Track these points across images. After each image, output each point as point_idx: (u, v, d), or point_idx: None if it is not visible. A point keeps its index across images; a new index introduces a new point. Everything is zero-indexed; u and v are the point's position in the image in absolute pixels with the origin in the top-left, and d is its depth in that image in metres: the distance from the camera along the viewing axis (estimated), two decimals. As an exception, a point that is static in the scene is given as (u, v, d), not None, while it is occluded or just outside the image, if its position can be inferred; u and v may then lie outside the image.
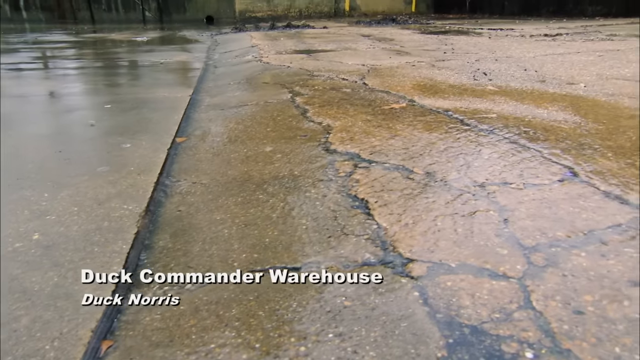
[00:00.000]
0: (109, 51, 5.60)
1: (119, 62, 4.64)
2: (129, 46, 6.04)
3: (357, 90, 2.73)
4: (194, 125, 2.21)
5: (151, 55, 5.16)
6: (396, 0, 14.30)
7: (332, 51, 4.70)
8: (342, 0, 14.07)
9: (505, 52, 4.14)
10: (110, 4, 12.68)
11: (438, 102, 2.37)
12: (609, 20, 7.82)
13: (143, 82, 3.45)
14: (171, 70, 4.07)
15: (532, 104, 2.28)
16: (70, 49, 5.85)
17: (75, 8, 12.36)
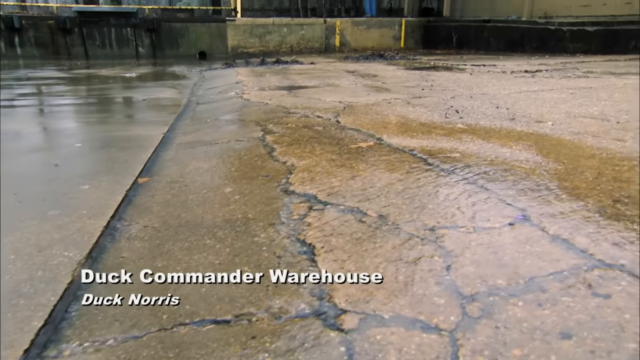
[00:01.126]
0: (94, 88, 5.66)
1: (101, 99, 4.68)
2: (116, 83, 6.12)
3: (328, 128, 2.76)
4: (159, 165, 2.21)
5: (136, 91, 5.21)
6: (385, 36, 14.62)
7: (314, 87, 4.77)
8: (333, 37, 14.37)
9: (482, 89, 4.21)
10: (104, 40, 12.90)
11: (405, 140, 2.39)
12: (589, 57, 8.01)
13: (120, 120, 3.47)
14: (152, 107, 4.11)
15: (497, 143, 2.30)
16: (57, 86, 5.91)
17: (70, 44, 12.56)
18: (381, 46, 14.28)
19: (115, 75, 7.23)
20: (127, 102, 4.34)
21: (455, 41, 13.05)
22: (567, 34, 9.25)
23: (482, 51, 11.79)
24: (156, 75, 7.35)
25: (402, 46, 14.66)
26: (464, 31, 12.73)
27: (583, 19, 9.50)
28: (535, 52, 10.03)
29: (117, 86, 5.74)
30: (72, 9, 13.24)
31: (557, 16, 10.58)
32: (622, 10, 8.76)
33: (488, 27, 11.77)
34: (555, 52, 9.53)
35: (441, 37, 13.68)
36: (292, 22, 14.11)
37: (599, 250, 1.23)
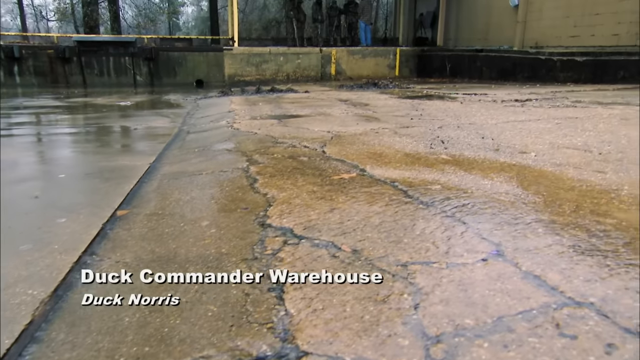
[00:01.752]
0: (88, 116, 5.71)
1: (93, 128, 4.71)
2: (110, 111, 6.17)
3: (313, 158, 2.77)
4: (141, 197, 2.20)
5: (129, 120, 5.25)
6: (380, 65, 14.85)
7: (305, 117, 4.81)
8: (328, 65, 14.57)
9: (470, 118, 4.25)
10: (102, 69, 13.07)
11: (388, 171, 2.40)
12: (579, 86, 8.14)
13: (109, 150, 3.48)
14: (142, 136, 4.13)
15: (479, 174, 2.31)
16: (51, 114, 5.95)
17: (68, 73, 12.71)
18: (376, 74, 14.48)
19: (111, 103, 7.30)
20: (118, 131, 4.37)
21: (449, 70, 13.25)
22: (557, 64, 9.41)
23: (475, 80, 11.97)
24: (151, 104, 7.42)
25: (397, 74, 14.86)
26: (457, 60, 12.95)
27: (573, 49, 9.69)
28: (527, 81, 10.18)
29: (110, 115, 5.79)
30: (72, 38, 13.47)
31: (547, 46, 10.79)
32: (610, 41, 8.95)
33: (480, 56, 11.98)
34: (546, 81, 9.67)
35: (435, 66, 13.90)
36: (288, 51, 14.35)
37: (570, 287, 1.22)
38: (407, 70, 14.89)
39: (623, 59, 7.99)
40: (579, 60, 8.91)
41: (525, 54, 10.58)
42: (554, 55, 9.63)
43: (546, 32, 10.95)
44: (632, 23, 8.50)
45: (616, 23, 8.89)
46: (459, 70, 12.79)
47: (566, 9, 10.23)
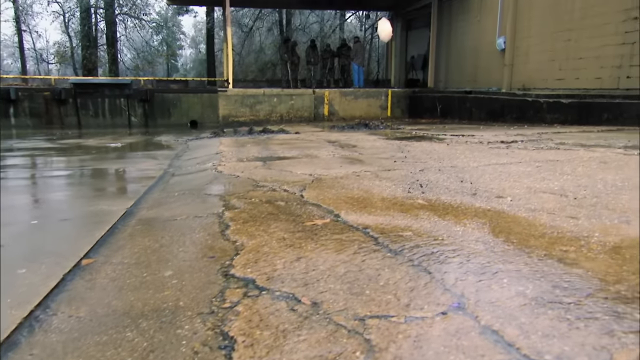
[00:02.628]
0: (75, 159, 5.73)
1: (79, 170, 4.72)
2: (99, 153, 6.20)
3: (290, 203, 2.76)
4: (110, 244, 2.18)
5: (116, 162, 5.27)
6: (373, 106, 15.08)
7: (291, 158, 4.84)
8: (321, 106, 14.80)
9: (452, 161, 4.28)
10: (97, 110, 13.24)
11: (362, 217, 2.39)
12: (565, 127, 8.26)
13: (89, 193, 3.47)
14: (126, 179, 4.13)
15: (453, 220, 2.30)
16: (40, 157, 5.97)
17: (63, 114, 12.87)
18: (369, 115, 14.70)
19: (101, 145, 7.35)
20: (102, 174, 4.37)
21: (439, 111, 13.47)
22: (544, 106, 9.59)
23: (465, 120, 12.15)
24: (141, 145, 7.47)
25: (389, 115, 15.08)
26: (447, 101, 13.19)
27: (559, 92, 9.90)
28: (516, 122, 10.34)
29: (99, 157, 5.82)
30: (69, 80, 13.71)
31: (534, 88, 11.03)
32: (593, 84, 9.17)
33: (470, 98, 12.21)
34: (534, 122, 9.82)
35: (426, 107, 14.14)
36: (282, 92, 14.60)
37: (527, 343, 1.19)
38: (399, 110, 15.13)
39: (606, 102, 8.16)
40: (564, 103, 9.09)
41: (513, 95, 10.80)
42: (541, 97, 9.83)
43: (533, 75, 11.23)
44: (613, 67, 8.74)
45: (599, 67, 9.13)
46: (449, 111, 13.01)
47: (551, 53, 10.53)
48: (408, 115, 14.99)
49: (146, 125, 13.67)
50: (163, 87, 15.50)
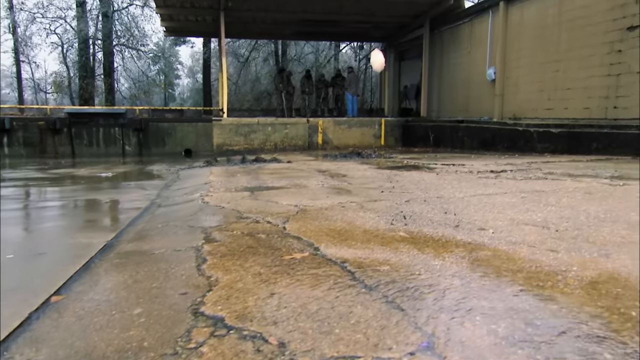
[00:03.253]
0: (64, 189, 5.70)
1: (64, 202, 4.69)
2: (88, 183, 6.18)
3: (272, 235, 2.74)
4: (84, 279, 2.14)
5: (103, 193, 5.25)
6: (366, 135, 15.20)
7: (279, 188, 4.83)
8: (315, 135, 14.89)
9: (439, 191, 4.28)
10: (92, 139, 13.26)
11: (342, 250, 2.37)
12: (555, 157, 8.32)
13: (71, 225, 3.44)
14: (111, 210, 4.10)
15: (432, 254, 2.28)
16: (27, 187, 5.94)
17: (58, 143, 12.88)
18: (362, 144, 14.79)
19: (92, 175, 7.34)
20: (88, 205, 4.34)
21: (432, 139, 13.58)
22: (534, 135, 9.70)
23: (457, 149, 12.24)
24: (132, 175, 7.47)
25: (382, 144, 15.19)
26: (440, 130, 13.32)
27: (549, 121, 10.03)
28: (507, 151, 10.42)
29: (87, 187, 5.80)
30: (64, 110, 13.80)
31: (525, 118, 11.17)
32: (582, 114, 9.30)
33: (462, 127, 12.34)
34: (525, 151, 9.90)
35: (419, 136, 14.26)
36: (276, 121, 14.73)
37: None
38: (393, 139, 15.24)
39: (595, 131, 8.26)
40: (554, 132, 9.19)
41: (504, 125, 10.92)
42: (531, 127, 9.94)
43: (523, 105, 11.39)
44: (600, 98, 8.88)
45: (586, 97, 9.28)
46: (441, 139, 13.12)
47: (540, 83, 10.71)
48: (401, 143, 15.09)
49: (140, 154, 13.68)
50: (158, 116, 15.59)
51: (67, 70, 21.83)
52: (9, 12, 19.93)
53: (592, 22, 9.14)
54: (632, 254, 2.16)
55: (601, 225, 2.73)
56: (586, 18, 9.29)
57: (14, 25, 19.87)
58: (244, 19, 16.11)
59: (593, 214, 3.00)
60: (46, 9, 19.53)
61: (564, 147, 8.83)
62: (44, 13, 19.54)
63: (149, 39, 22.17)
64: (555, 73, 10.19)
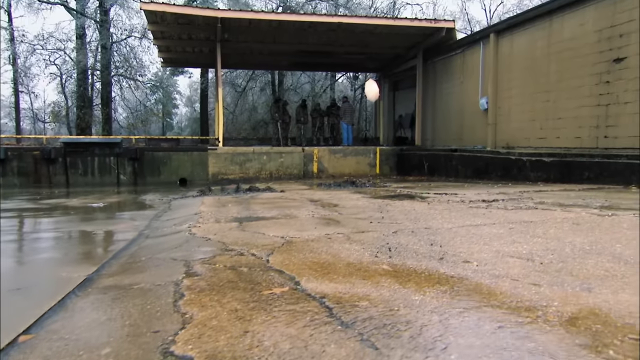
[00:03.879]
0: (52, 220, 5.66)
1: (49, 233, 4.65)
2: (78, 214, 6.14)
3: (254, 269, 2.70)
4: (57, 317, 2.09)
5: (91, 224, 5.21)
6: (361, 163, 15.26)
7: (269, 219, 4.81)
8: (311, 164, 14.94)
9: (428, 222, 4.26)
10: (86, 169, 13.28)
11: (322, 285, 2.33)
12: (548, 185, 8.35)
13: (54, 258, 3.40)
14: (97, 242, 4.06)
15: (413, 288, 2.25)
16: (16, 218, 5.90)
17: (52, 173, 12.89)
18: (358, 172, 14.85)
19: (83, 205, 7.31)
20: (73, 237, 4.30)
21: (426, 168, 13.64)
22: (527, 164, 9.75)
23: (451, 178, 12.28)
24: (124, 205, 7.44)
25: (377, 172, 15.23)
26: (434, 159, 13.39)
27: (541, 150, 10.10)
28: (501, 179, 10.45)
29: (76, 218, 5.76)
30: (59, 139, 13.86)
31: (518, 147, 11.26)
32: (573, 143, 9.38)
33: (456, 155, 12.41)
34: (518, 180, 9.94)
35: (414, 165, 14.33)
36: (271, 150, 14.79)
37: None
38: (388, 168, 15.30)
39: (586, 161, 8.30)
40: (546, 161, 9.24)
41: (497, 154, 10.99)
42: (524, 156, 10.01)
43: (515, 134, 11.49)
44: (591, 127, 8.98)
45: (577, 127, 9.38)
46: (436, 168, 13.18)
47: (531, 113, 10.85)
48: (396, 172, 15.15)
49: (135, 183, 13.68)
50: (154, 145, 15.65)
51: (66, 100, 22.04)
52: (9, 44, 20.27)
53: (580, 54, 9.34)
54: (613, 288, 2.14)
55: (586, 257, 2.70)
56: (574, 50, 9.49)
57: (14, 57, 20.17)
58: (240, 50, 16.41)
59: (579, 246, 2.98)
60: (46, 40, 19.88)
61: (556, 175, 8.86)
62: (44, 45, 19.88)
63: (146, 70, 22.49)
64: (546, 103, 10.33)
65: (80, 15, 19.32)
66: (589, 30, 9.13)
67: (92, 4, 20.39)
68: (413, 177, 13.38)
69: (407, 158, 14.85)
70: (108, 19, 19.70)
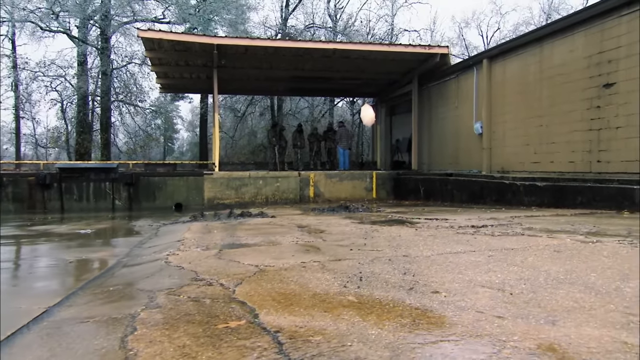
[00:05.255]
0: (35, 248, 5.61)
1: (26, 261, 4.59)
2: (61, 241, 6.09)
3: (217, 300, 2.63)
4: (5, 351, 2.02)
5: (72, 251, 5.15)
6: (358, 188, 15.20)
7: (250, 246, 4.74)
8: (307, 188, 14.90)
9: (409, 249, 4.19)
10: (82, 194, 13.27)
11: (281, 318, 2.26)
12: (541, 210, 8.26)
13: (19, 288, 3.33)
14: (70, 271, 4.00)
15: (373, 321, 2.17)
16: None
17: (47, 199, 12.87)
18: (354, 197, 14.78)
19: (70, 231, 7.25)
20: (48, 266, 4.24)
21: (422, 193, 13.57)
22: (520, 188, 9.68)
23: (447, 202, 12.20)
24: (111, 231, 7.38)
25: (374, 197, 15.16)
26: (430, 184, 13.33)
27: (536, 175, 10.05)
28: (495, 204, 10.37)
29: (59, 245, 5.70)
30: (55, 165, 13.90)
31: (513, 171, 11.21)
32: (567, 167, 9.33)
33: (451, 180, 12.36)
34: (512, 204, 9.85)
35: (410, 189, 14.27)
36: (267, 175, 14.77)
37: None
38: (384, 192, 15.23)
39: (579, 185, 8.24)
40: (540, 186, 9.18)
41: (491, 178, 10.94)
42: (518, 180, 9.95)
43: (510, 158, 11.46)
44: (584, 152, 8.94)
45: (570, 151, 9.35)
46: (432, 193, 13.10)
47: (525, 137, 10.84)
48: (393, 197, 15.07)
49: (130, 208, 13.63)
50: (151, 170, 15.67)
51: (66, 125, 22.25)
52: (12, 71, 20.59)
53: (571, 79, 9.38)
54: (578, 321, 2.05)
55: (558, 287, 2.62)
56: (565, 75, 9.54)
57: (16, 84, 20.45)
58: (237, 76, 16.58)
59: (553, 275, 2.89)
60: (47, 67, 20.18)
61: (550, 200, 8.78)
62: (45, 71, 20.18)
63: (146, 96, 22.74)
64: (540, 127, 10.33)
65: (82, 42, 19.66)
66: (578, 56, 9.19)
67: (94, 32, 20.80)
68: (409, 202, 13.31)
69: (403, 182, 14.79)
70: (109, 46, 20.04)
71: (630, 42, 7.96)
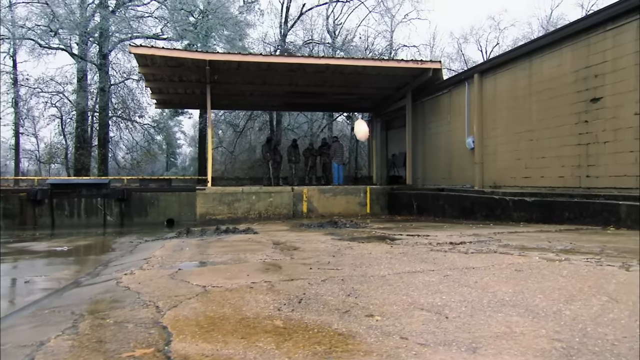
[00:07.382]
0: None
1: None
2: (31, 259, 6.00)
3: (140, 325, 2.51)
4: None
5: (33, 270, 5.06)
6: (351, 203, 15.05)
7: (214, 264, 4.63)
8: (300, 203, 14.76)
9: (370, 268, 4.05)
10: (73, 210, 13.24)
11: (193, 345, 2.13)
12: (528, 226, 8.08)
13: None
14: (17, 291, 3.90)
15: (287, 348, 2.04)
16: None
17: (38, 215, 12.85)
18: (348, 212, 14.62)
19: (47, 249, 7.18)
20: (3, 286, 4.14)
21: (415, 208, 13.42)
22: (510, 204, 9.51)
23: (438, 218, 12.03)
24: (89, 249, 7.29)
25: (368, 212, 14.99)
26: (422, 198, 13.18)
27: (527, 189, 9.87)
28: (485, 219, 10.19)
29: (25, 264, 5.62)
30: (47, 181, 13.91)
31: (504, 186, 11.03)
32: (557, 182, 9.15)
33: (442, 195, 12.21)
34: (502, 220, 9.68)
35: (404, 204, 14.12)
36: (260, 190, 14.67)
37: None
38: (378, 207, 15.07)
39: (566, 201, 8.06)
40: (528, 201, 9.01)
41: (482, 193, 10.78)
42: (507, 196, 9.79)
43: (502, 173, 11.29)
44: (573, 167, 8.77)
45: (560, 166, 9.18)
46: (425, 208, 12.95)
47: (516, 152, 10.68)
48: (387, 211, 14.90)
49: (122, 224, 13.58)
50: (145, 185, 15.64)
51: (65, 141, 22.40)
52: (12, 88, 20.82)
53: (559, 94, 9.26)
54: (500, 349, 1.91)
55: (498, 310, 2.48)
56: (554, 90, 9.42)
57: (16, 100, 20.65)
58: (231, 92, 16.62)
59: (499, 297, 2.75)
60: (46, 84, 20.38)
61: (538, 216, 8.61)
62: (44, 87, 20.37)
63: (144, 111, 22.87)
64: (530, 142, 10.18)
65: (81, 59, 19.86)
66: (566, 70, 9.08)
67: (94, 48, 21.01)
68: (401, 217, 13.14)
69: (397, 197, 14.64)
70: (107, 62, 20.22)
71: (616, 57, 7.84)
